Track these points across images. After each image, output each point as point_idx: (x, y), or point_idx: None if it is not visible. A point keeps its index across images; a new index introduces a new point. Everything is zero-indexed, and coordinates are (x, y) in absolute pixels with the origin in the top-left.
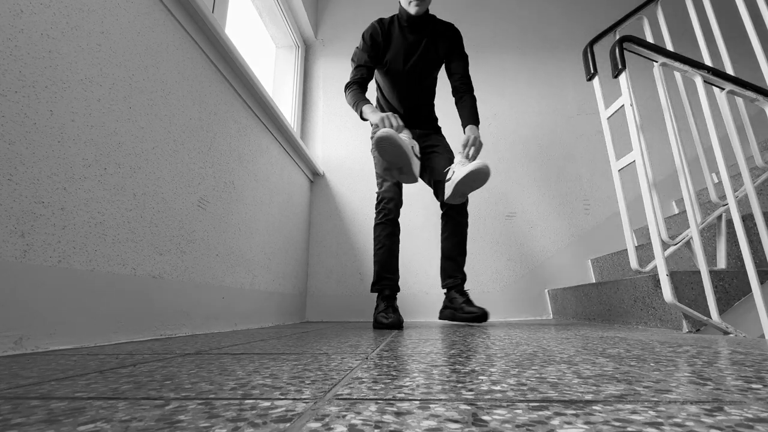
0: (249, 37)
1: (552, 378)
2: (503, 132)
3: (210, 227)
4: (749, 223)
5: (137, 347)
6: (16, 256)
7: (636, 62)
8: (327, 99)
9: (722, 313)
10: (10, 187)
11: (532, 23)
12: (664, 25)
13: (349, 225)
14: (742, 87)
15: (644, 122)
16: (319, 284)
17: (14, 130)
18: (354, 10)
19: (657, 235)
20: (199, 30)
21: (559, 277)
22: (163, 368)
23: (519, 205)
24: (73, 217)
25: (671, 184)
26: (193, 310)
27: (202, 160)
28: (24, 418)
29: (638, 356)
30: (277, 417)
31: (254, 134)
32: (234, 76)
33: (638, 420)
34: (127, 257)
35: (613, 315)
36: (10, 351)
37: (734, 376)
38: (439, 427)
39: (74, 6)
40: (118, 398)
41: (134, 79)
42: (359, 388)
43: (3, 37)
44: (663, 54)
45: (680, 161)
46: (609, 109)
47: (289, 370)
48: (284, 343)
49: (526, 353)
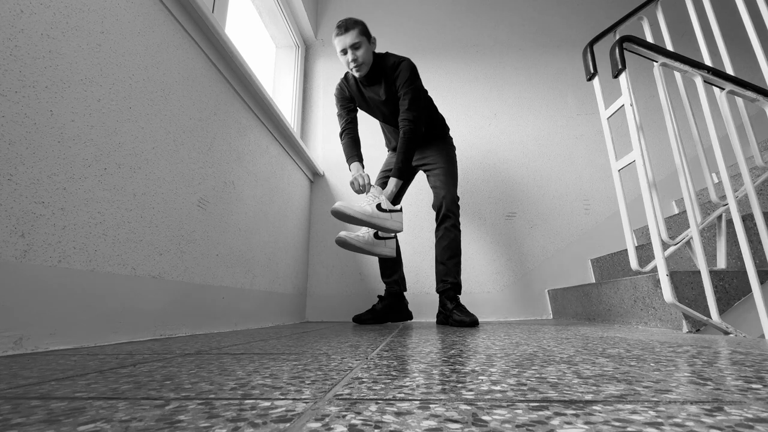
0: (249, 37)
1: (552, 378)
2: (503, 132)
3: (210, 227)
4: (749, 223)
5: (137, 347)
6: (16, 256)
7: (636, 62)
8: (327, 99)
9: (722, 313)
10: (10, 187)
11: (532, 23)
12: (664, 25)
13: (349, 225)
14: (742, 87)
15: (644, 122)
16: (319, 284)
17: (14, 130)
18: (354, 10)
19: (657, 235)
20: (199, 30)
21: (559, 277)
22: (163, 368)
23: (519, 205)
24: (73, 217)
25: (671, 184)
26: (193, 310)
27: (202, 160)
28: (24, 418)
29: (638, 356)
30: (277, 417)
31: (254, 134)
32: (234, 76)
33: (638, 420)
34: (127, 257)
35: (613, 315)
36: (10, 351)
37: (734, 376)
38: (439, 427)
39: (74, 6)
40: (118, 398)
41: (134, 79)
42: (359, 388)
43: (3, 37)
44: (663, 54)
45: (680, 161)
46: (609, 109)
47: (289, 370)
48: (284, 343)
49: (526, 353)
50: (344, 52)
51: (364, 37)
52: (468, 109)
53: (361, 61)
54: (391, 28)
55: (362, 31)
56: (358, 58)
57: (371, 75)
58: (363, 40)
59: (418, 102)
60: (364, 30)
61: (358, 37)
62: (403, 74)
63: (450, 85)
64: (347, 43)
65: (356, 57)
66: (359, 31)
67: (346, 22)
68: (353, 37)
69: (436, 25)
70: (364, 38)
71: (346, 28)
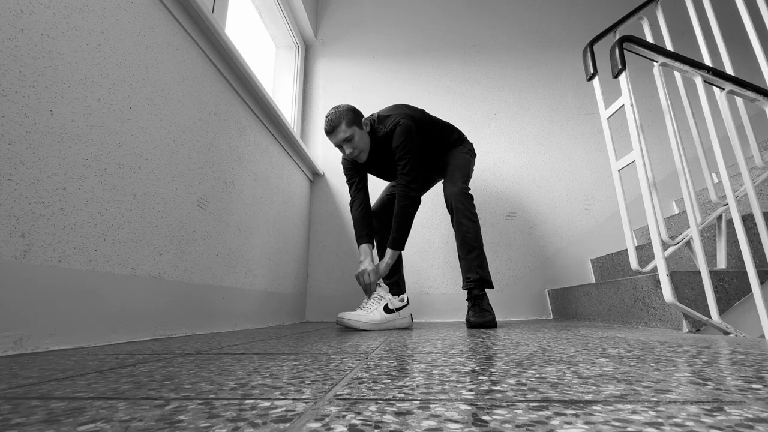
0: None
1: (552, 378)
2: (503, 132)
3: (210, 227)
4: (749, 223)
5: (137, 347)
6: (16, 256)
7: (636, 62)
8: (327, 99)
9: (722, 313)
10: (10, 187)
11: (532, 23)
12: (664, 25)
13: (349, 225)
14: (742, 87)
15: (644, 122)
16: (319, 284)
17: (14, 130)
18: (354, 10)
19: (657, 235)
20: (199, 30)
21: (559, 277)
22: (163, 368)
23: (519, 205)
24: (73, 217)
25: (671, 184)
26: (193, 310)
27: (202, 160)
28: (24, 418)
29: (638, 356)
30: (277, 417)
31: (254, 134)
32: (234, 76)
33: (638, 420)
34: (127, 257)
35: (613, 315)
36: (10, 351)
37: (734, 376)
38: (439, 427)
39: (74, 6)
40: (118, 398)
41: (134, 79)
42: (359, 388)
43: (3, 37)
44: (663, 54)
45: (680, 161)
46: (609, 109)
47: (289, 370)
48: (284, 343)
49: (526, 353)
50: (340, 148)
51: (353, 126)
52: (468, 109)
53: (358, 152)
54: (390, 27)
55: (349, 121)
56: (354, 150)
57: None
58: (353, 131)
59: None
60: (350, 119)
61: (346, 131)
62: (396, 140)
63: (450, 85)
64: (339, 140)
65: (352, 150)
66: (346, 123)
67: (330, 122)
68: (343, 134)
69: (436, 25)
70: (354, 128)
71: (333, 126)
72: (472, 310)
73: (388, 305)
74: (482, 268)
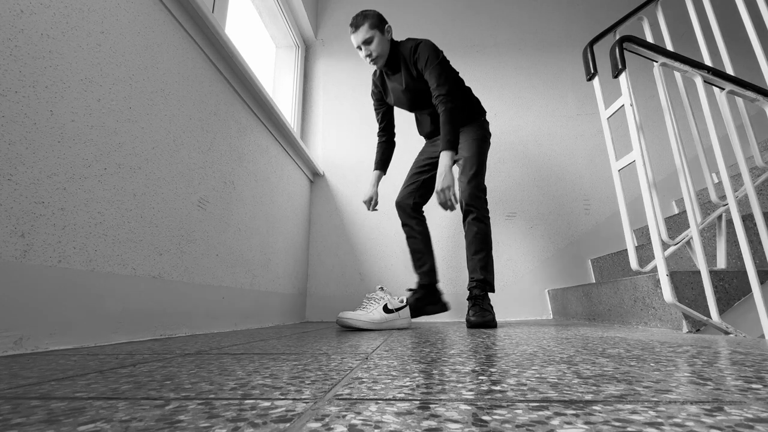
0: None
1: (552, 378)
2: (503, 132)
3: (210, 227)
4: (749, 223)
5: (137, 347)
6: (16, 256)
7: (636, 62)
8: (327, 99)
9: (722, 313)
10: (10, 187)
11: (532, 23)
12: (664, 25)
13: (349, 225)
14: (742, 87)
15: (644, 122)
16: (319, 284)
17: (14, 130)
18: (354, 10)
19: (657, 235)
20: (199, 30)
21: (559, 277)
22: (163, 368)
23: (519, 205)
24: (73, 217)
25: (671, 184)
26: (193, 310)
27: (202, 160)
28: (24, 418)
29: (638, 356)
30: (277, 417)
31: (254, 134)
32: (234, 76)
33: (638, 420)
34: (127, 257)
35: (613, 315)
36: (10, 351)
37: (734, 376)
38: (439, 427)
39: (74, 6)
40: (118, 398)
41: (134, 79)
42: (359, 388)
43: (3, 37)
44: (663, 54)
45: (680, 161)
46: (609, 109)
47: (289, 370)
48: (284, 343)
49: (526, 353)
50: (359, 49)
51: (375, 30)
52: None
53: (375, 55)
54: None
55: (373, 24)
56: (372, 53)
57: (391, 64)
58: (375, 34)
59: (447, 75)
60: (374, 23)
61: (368, 32)
62: (423, 55)
63: None
64: (359, 40)
65: (370, 52)
66: (369, 25)
67: (356, 19)
68: (364, 33)
69: (436, 25)
70: (375, 31)
71: (357, 25)
72: (472, 309)
73: (387, 305)
74: (486, 270)
